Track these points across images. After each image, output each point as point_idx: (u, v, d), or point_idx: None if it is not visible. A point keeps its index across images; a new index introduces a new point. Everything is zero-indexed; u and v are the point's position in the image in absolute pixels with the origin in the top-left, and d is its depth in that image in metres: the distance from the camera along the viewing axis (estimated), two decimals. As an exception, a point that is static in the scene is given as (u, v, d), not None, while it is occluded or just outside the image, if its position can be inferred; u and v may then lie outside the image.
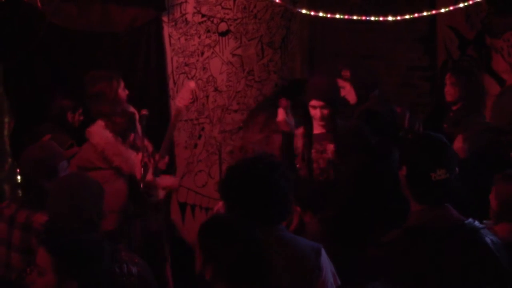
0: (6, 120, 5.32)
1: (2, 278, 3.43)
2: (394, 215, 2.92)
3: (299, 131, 4.40)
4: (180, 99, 4.67)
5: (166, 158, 4.78)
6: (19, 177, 3.81)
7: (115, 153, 4.33)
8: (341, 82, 4.91)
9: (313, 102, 4.31)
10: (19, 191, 3.63)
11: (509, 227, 3.16)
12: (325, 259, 2.75)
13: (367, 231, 3.73)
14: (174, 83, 5.83)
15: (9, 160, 5.22)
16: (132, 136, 4.52)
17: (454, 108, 4.88)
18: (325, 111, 4.31)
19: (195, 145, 5.92)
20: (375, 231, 3.28)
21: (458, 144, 4.11)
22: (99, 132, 4.42)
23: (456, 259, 2.46)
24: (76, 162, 4.33)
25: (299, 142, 4.35)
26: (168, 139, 4.71)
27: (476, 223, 2.58)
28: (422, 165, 2.56)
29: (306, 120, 4.38)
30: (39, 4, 4.91)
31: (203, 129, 5.97)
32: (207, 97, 5.95)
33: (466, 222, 2.56)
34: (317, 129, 4.39)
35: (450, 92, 4.90)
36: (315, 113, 4.32)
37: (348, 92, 5.01)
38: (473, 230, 2.54)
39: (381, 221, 3.53)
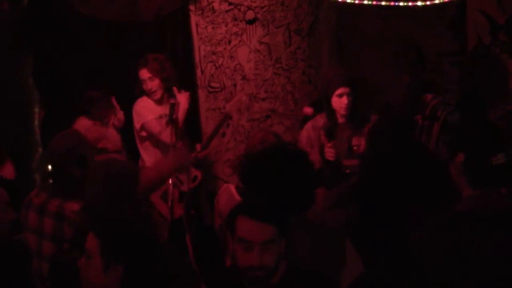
0: (36, 110, 5.38)
1: (35, 270, 3.47)
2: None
3: (319, 122, 4.42)
4: (231, 106, 5.14)
5: (207, 151, 5.10)
6: (49, 166, 3.84)
7: (97, 138, 4.57)
8: None
9: (340, 90, 4.33)
10: (50, 180, 3.64)
11: None
12: (349, 246, 2.74)
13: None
14: (202, 72, 5.82)
15: (40, 150, 5.28)
16: (112, 118, 4.88)
17: None
18: (350, 98, 4.35)
19: (223, 134, 5.91)
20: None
21: None
22: (80, 123, 4.74)
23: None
24: None
25: (322, 133, 4.36)
26: (213, 135, 5.14)
27: None
28: (483, 150, 2.54)
29: (329, 113, 4.41)
30: (67, -6, 4.94)
31: (231, 117, 5.95)
32: (235, 85, 5.94)
33: None
34: (339, 119, 4.43)
35: None
36: (341, 101, 4.34)
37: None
38: None
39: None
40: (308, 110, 4.32)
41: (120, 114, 5.08)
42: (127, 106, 5.17)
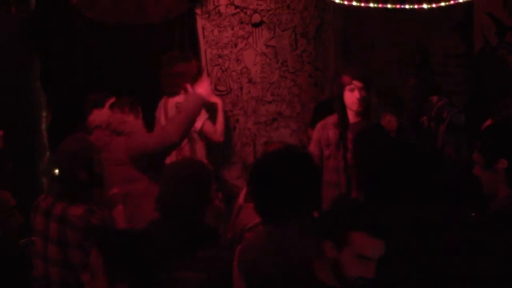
0: (44, 114, 5.41)
1: (41, 275, 3.49)
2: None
3: (331, 120, 4.36)
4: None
5: None
6: (56, 170, 3.86)
7: (121, 122, 4.37)
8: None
9: (354, 83, 4.23)
10: (56, 184, 3.66)
11: None
12: None
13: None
14: (208, 75, 5.84)
15: (47, 153, 5.31)
16: (131, 117, 4.55)
17: None
18: (364, 94, 4.24)
19: (230, 137, 5.92)
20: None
21: None
22: (97, 114, 4.57)
23: None
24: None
25: (330, 132, 4.31)
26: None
27: None
28: None
29: (341, 110, 4.33)
30: (73, -1, 4.97)
31: (237, 120, 5.97)
32: (241, 88, 5.95)
33: None
34: (352, 118, 4.33)
35: None
36: (353, 95, 4.24)
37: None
38: None
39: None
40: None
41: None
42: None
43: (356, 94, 4.22)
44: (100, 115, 4.55)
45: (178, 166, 3.31)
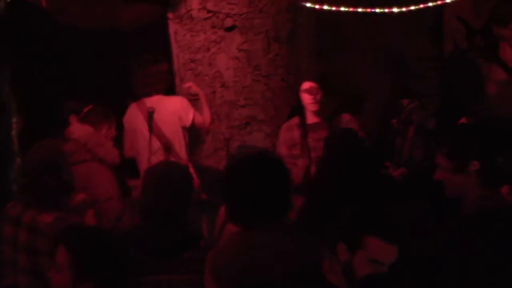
0: (14, 120, 5.35)
1: (10, 283, 3.45)
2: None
3: (294, 121, 4.44)
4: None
5: None
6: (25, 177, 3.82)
7: (98, 144, 4.45)
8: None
9: (305, 85, 4.37)
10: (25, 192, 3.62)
11: None
12: (324, 254, 2.74)
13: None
14: (181, 80, 5.83)
15: (18, 160, 5.26)
16: (104, 128, 4.70)
17: None
18: (319, 95, 4.37)
19: (203, 141, 5.92)
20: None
21: None
22: (78, 127, 4.61)
23: None
24: None
25: (295, 133, 4.38)
26: None
27: None
28: (495, 153, 2.63)
29: (299, 110, 4.44)
30: (44, 3, 4.93)
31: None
32: (214, 92, 5.94)
33: None
34: (311, 119, 4.43)
35: None
36: (307, 97, 4.37)
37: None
38: None
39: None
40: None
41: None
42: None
43: (311, 95, 4.35)
44: (80, 130, 4.55)
45: (158, 169, 3.30)
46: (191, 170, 4.92)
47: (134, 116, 5.05)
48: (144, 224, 3.07)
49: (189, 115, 5.08)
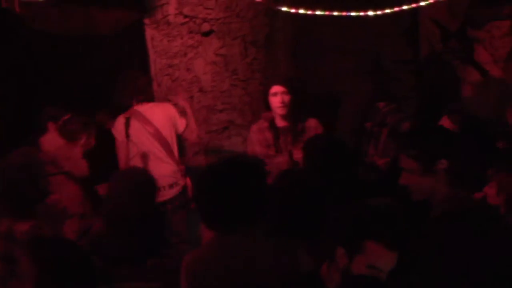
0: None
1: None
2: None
3: (264, 124, 4.47)
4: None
5: None
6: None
7: (65, 157, 4.39)
8: None
9: (274, 89, 4.39)
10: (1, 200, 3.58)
11: None
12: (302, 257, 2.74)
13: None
14: (158, 85, 5.81)
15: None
16: (83, 139, 4.68)
17: None
18: (286, 98, 4.38)
19: (182, 146, 5.90)
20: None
21: None
22: (50, 139, 4.58)
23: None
24: None
25: (267, 134, 4.40)
26: None
27: None
28: (465, 154, 2.62)
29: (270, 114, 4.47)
30: (17, 9, 4.89)
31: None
32: (192, 97, 5.93)
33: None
34: (280, 122, 4.46)
35: None
36: (276, 100, 4.39)
37: None
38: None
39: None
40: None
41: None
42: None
43: (279, 98, 4.37)
44: (50, 142, 4.54)
45: (122, 177, 3.29)
46: (181, 173, 4.93)
47: (135, 128, 4.97)
48: (109, 232, 3.05)
49: (182, 121, 5.09)
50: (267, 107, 4.52)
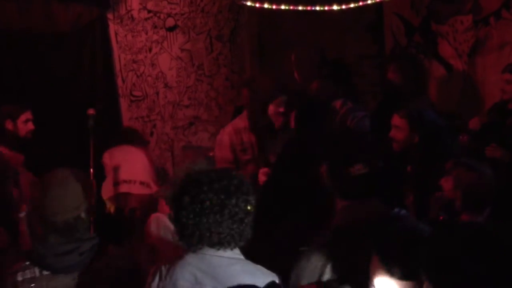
0: None
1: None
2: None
3: (241, 124, 4.41)
4: None
5: None
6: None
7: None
8: None
9: (281, 109, 4.29)
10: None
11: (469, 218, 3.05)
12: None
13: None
14: (123, 80, 5.74)
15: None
16: None
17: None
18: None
19: (147, 143, 5.84)
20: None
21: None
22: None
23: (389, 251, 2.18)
24: None
25: (244, 136, 4.34)
26: None
27: (403, 212, 2.48)
28: (340, 161, 2.44)
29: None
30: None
31: (154, 126, 5.90)
32: (157, 93, 5.89)
33: (392, 212, 2.46)
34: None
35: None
36: (278, 119, 4.32)
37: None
38: (398, 219, 2.40)
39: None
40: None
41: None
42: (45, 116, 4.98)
43: (281, 119, 4.24)
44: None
45: (51, 177, 3.08)
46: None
47: None
48: (45, 235, 2.87)
49: None
50: (265, 112, 4.36)
